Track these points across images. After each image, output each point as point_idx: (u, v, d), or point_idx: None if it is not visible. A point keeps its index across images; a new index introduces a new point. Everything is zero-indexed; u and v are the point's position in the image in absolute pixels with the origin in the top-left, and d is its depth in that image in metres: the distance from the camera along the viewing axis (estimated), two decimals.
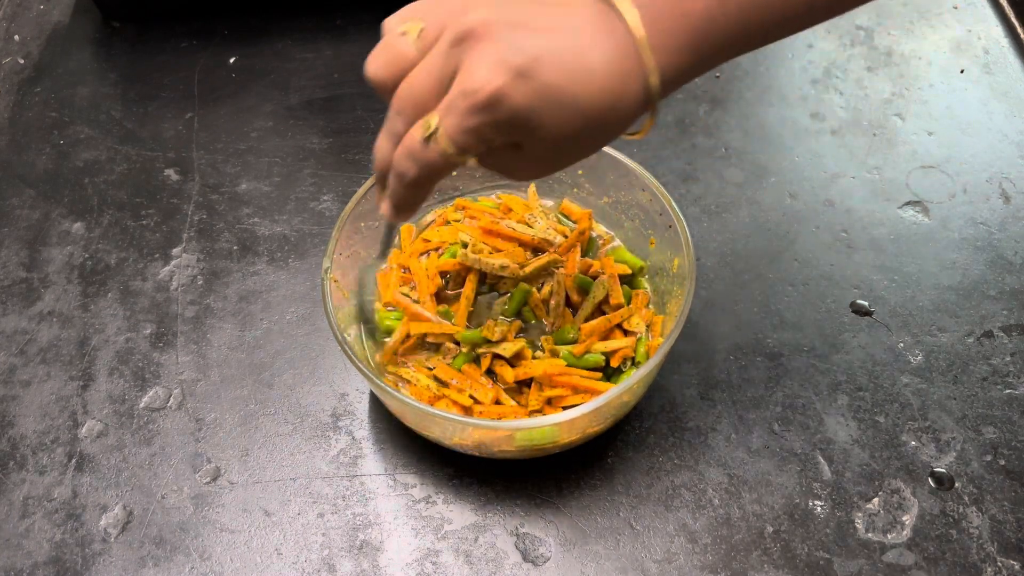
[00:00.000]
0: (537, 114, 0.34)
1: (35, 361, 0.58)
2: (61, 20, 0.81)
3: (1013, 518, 0.49)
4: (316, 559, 0.49)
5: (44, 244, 0.64)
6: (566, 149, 0.38)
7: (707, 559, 0.48)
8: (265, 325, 0.59)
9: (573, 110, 0.35)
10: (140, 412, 0.55)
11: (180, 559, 0.49)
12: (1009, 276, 0.60)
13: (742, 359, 0.56)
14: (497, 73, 0.34)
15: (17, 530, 0.50)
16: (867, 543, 0.48)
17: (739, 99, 0.71)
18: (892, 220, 0.63)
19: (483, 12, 0.35)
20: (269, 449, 0.53)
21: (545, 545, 0.49)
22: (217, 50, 0.77)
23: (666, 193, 0.51)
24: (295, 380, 0.56)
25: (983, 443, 0.52)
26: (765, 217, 0.63)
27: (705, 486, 0.51)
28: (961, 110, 0.70)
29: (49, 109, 0.73)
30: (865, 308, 0.58)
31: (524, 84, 0.34)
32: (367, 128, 0.70)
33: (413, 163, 0.37)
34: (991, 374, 0.55)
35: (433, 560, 0.49)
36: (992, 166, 0.66)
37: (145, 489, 0.52)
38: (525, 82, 0.34)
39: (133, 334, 0.59)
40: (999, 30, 0.76)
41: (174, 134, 0.71)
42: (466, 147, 0.36)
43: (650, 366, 0.45)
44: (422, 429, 0.49)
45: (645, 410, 0.54)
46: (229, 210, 0.66)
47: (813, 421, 0.53)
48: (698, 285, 0.59)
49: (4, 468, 0.53)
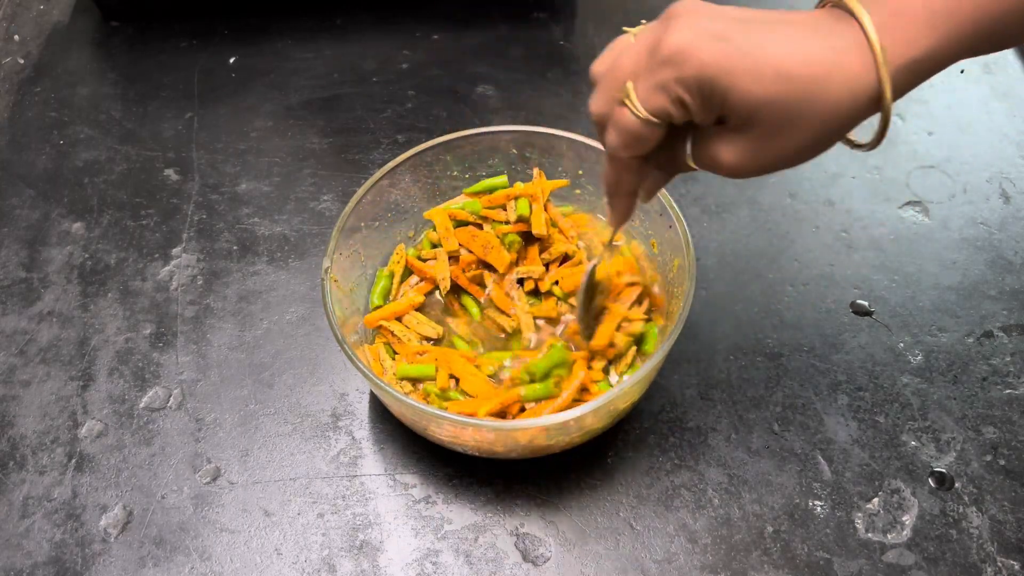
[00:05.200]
0: (729, 72, 0.34)
1: (35, 361, 0.58)
2: (61, 20, 0.81)
3: (1013, 518, 0.49)
4: (316, 559, 0.49)
5: (44, 244, 0.64)
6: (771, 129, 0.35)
7: (707, 559, 0.48)
8: (265, 325, 0.59)
9: (772, 73, 0.34)
10: (140, 412, 0.55)
11: (180, 559, 0.49)
12: (1009, 276, 0.60)
13: (742, 359, 0.56)
14: (690, 34, 0.34)
15: (17, 530, 0.50)
16: (867, 543, 0.48)
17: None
18: (892, 220, 0.63)
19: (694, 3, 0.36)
20: (269, 449, 0.53)
21: (545, 545, 0.49)
22: (217, 50, 0.77)
23: (666, 193, 0.51)
24: (295, 380, 0.56)
25: (983, 443, 0.52)
26: (765, 217, 0.63)
27: (705, 486, 0.51)
28: (961, 110, 0.70)
29: (49, 109, 0.73)
30: (865, 308, 0.58)
31: (716, 44, 0.34)
32: (367, 128, 0.70)
33: (615, 131, 0.38)
34: (991, 374, 0.55)
35: (433, 560, 0.49)
36: (992, 166, 0.66)
37: (145, 489, 0.52)
38: (718, 43, 0.34)
39: (133, 334, 0.59)
40: None
41: (174, 134, 0.71)
42: (656, 107, 0.36)
43: (650, 366, 0.45)
44: (422, 429, 0.49)
45: (645, 410, 0.54)
46: (229, 210, 0.66)
47: (813, 421, 0.53)
48: (698, 285, 0.59)
49: (4, 468, 0.53)
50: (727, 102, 0.34)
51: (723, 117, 0.36)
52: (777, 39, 0.34)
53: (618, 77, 0.37)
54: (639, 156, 0.38)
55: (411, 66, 0.75)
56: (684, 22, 0.35)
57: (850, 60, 0.34)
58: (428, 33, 0.78)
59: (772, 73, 0.34)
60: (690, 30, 0.34)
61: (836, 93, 0.34)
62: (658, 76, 0.35)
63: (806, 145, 0.36)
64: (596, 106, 0.38)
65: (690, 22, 0.35)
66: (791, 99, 0.34)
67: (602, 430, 0.50)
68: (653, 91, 0.35)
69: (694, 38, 0.34)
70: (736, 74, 0.34)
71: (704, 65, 0.34)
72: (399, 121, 0.71)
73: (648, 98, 0.36)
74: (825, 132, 0.36)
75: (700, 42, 0.34)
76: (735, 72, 0.34)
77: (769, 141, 0.36)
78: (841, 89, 0.34)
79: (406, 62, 0.76)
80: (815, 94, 0.34)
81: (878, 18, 0.34)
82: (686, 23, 0.35)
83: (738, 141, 0.36)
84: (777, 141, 0.36)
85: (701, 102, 0.35)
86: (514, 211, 0.55)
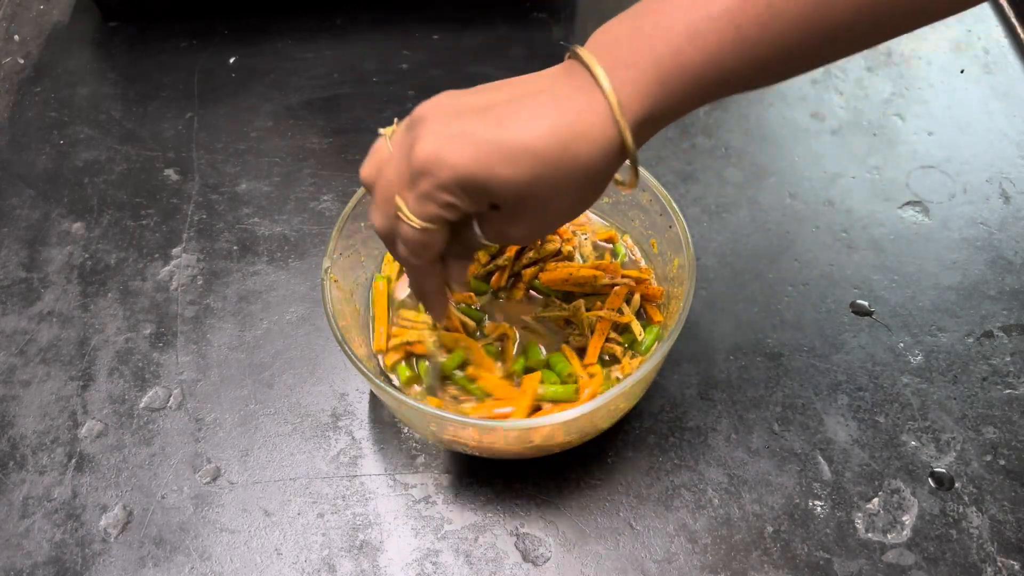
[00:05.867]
0: (484, 168, 0.35)
1: (35, 361, 0.58)
2: (61, 20, 0.81)
3: (1013, 518, 0.49)
4: (316, 559, 0.49)
5: (44, 244, 0.64)
6: (543, 202, 0.37)
7: (707, 559, 0.48)
8: (265, 325, 0.59)
9: (523, 155, 0.35)
10: (140, 412, 0.55)
11: (180, 559, 0.49)
12: (1009, 276, 0.60)
13: (742, 359, 0.56)
14: (435, 140, 0.36)
15: (17, 530, 0.50)
16: (867, 543, 0.48)
17: (739, 99, 0.71)
18: (892, 220, 0.63)
19: (437, 99, 0.38)
20: (269, 449, 0.53)
21: (545, 545, 0.49)
22: (217, 50, 0.77)
23: (666, 193, 0.51)
24: (295, 380, 0.56)
25: (983, 443, 0.52)
26: (765, 217, 0.63)
27: (705, 486, 0.51)
28: (961, 110, 0.70)
29: (49, 109, 0.73)
30: (865, 308, 0.58)
31: (462, 144, 0.35)
32: (367, 128, 0.70)
33: (401, 244, 0.40)
34: (991, 374, 0.55)
35: (433, 560, 0.49)
36: (992, 166, 0.66)
37: (145, 489, 0.52)
38: (462, 142, 0.35)
39: (133, 334, 0.59)
40: (999, 30, 0.76)
41: (174, 134, 0.71)
42: (428, 215, 0.37)
43: (650, 366, 0.45)
44: (421, 429, 0.49)
45: (645, 410, 0.54)
46: (229, 210, 0.66)
47: (813, 421, 0.53)
48: (698, 285, 0.59)
49: (4, 468, 0.53)
50: (491, 193, 0.36)
51: (494, 204, 0.37)
52: (520, 119, 0.35)
53: (387, 192, 0.39)
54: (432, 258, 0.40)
55: (411, 66, 0.75)
56: (428, 128, 0.36)
57: (591, 120, 0.35)
58: (428, 33, 0.78)
59: (522, 154, 0.35)
60: (434, 136, 0.36)
61: (587, 154, 0.36)
62: (420, 187, 0.37)
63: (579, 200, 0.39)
64: (378, 223, 0.40)
65: (433, 128, 0.36)
66: (548, 172, 0.36)
67: (602, 430, 0.50)
68: (420, 201, 0.37)
69: (440, 144, 0.35)
70: (488, 166, 0.35)
71: (456, 167, 0.35)
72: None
73: (418, 209, 0.37)
74: (590, 187, 0.38)
75: (446, 147, 0.35)
76: (487, 164, 0.35)
77: (544, 212, 0.38)
78: (591, 149, 0.36)
79: (406, 62, 0.76)
80: (568, 161, 0.36)
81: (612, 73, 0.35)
82: (429, 129, 0.36)
83: (518, 219, 0.38)
84: (552, 208, 0.38)
85: (467, 199, 0.37)
86: None
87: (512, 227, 0.39)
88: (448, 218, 0.38)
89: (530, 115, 0.35)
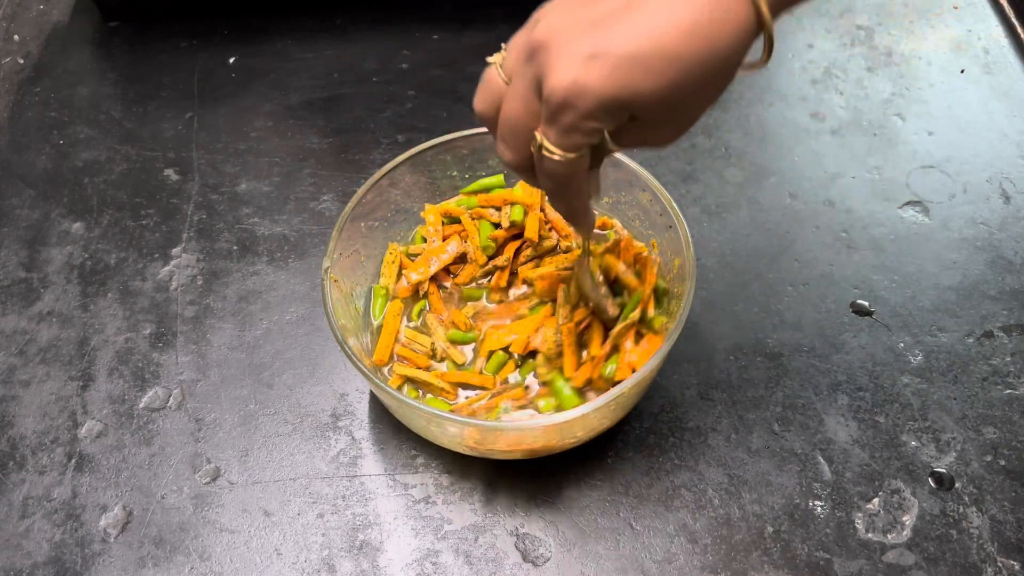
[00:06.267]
0: (626, 87, 0.33)
1: (35, 361, 0.57)
2: (61, 20, 0.81)
3: (1013, 518, 0.49)
4: (316, 559, 0.49)
5: (44, 244, 0.64)
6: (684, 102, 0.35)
7: (707, 559, 0.48)
8: (265, 325, 0.59)
9: (664, 65, 0.33)
10: (140, 412, 0.55)
11: (180, 559, 0.49)
12: (1009, 276, 0.60)
13: (742, 359, 0.56)
14: (568, 69, 0.34)
15: (17, 530, 0.50)
16: (867, 543, 0.48)
17: (739, 99, 0.71)
18: (892, 220, 0.63)
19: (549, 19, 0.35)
20: (269, 449, 0.53)
21: (545, 545, 0.49)
22: (217, 50, 0.77)
23: (666, 193, 0.51)
24: (295, 380, 0.56)
25: (983, 443, 0.52)
26: (765, 217, 0.63)
27: (705, 486, 0.51)
28: (961, 110, 0.70)
29: (49, 109, 0.73)
30: (865, 308, 0.58)
31: (598, 67, 0.33)
32: (367, 128, 0.70)
33: (546, 177, 0.39)
34: (991, 374, 0.55)
35: (433, 560, 0.48)
36: (992, 166, 0.66)
37: (145, 489, 0.52)
38: (599, 64, 0.33)
39: (133, 334, 0.59)
40: (999, 30, 0.76)
41: (174, 134, 0.71)
42: (573, 146, 0.36)
43: (650, 366, 0.45)
44: (421, 429, 0.49)
45: (645, 410, 0.54)
46: (229, 210, 0.66)
47: (813, 421, 0.53)
48: (698, 285, 0.59)
49: (4, 468, 0.53)
50: (634, 109, 0.35)
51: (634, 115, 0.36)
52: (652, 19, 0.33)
53: (517, 126, 0.37)
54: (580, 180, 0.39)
55: (411, 66, 0.75)
56: (555, 55, 0.34)
57: (728, 9, 0.33)
58: (428, 33, 0.78)
59: (662, 63, 0.33)
60: (564, 64, 0.34)
61: (727, 44, 0.34)
62: (563, 121, 0.35)
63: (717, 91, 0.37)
64: (509, 158, 0.39)
65: (560, 53, 0.34)
66: (693, 73, 0.34)
67: (603, 430, 0.50)
68: (565, 134, 0.36)
69: (576, 72, 0.34)
70: (631, 83, 0.33)
71: (599, 94, 0.34)
72: (399, 121, 0.71)
73: (563, 141, 0.36)
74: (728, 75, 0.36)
75: (583, 74, 0.34)
76: (629, 82, 0.33)
77: (686, 111, 0.37)
78: (730, 38, 0.34)
79: (406, 62, 0.76)
80: (710, 57, 0.34)
81: None
82: (557, 55, 0.34)
83: (658, 124, 0.37)
84: (692, 107, 0.37)
85: (612, 120, 0.35)
86: (508, 216, 0.55)
87: (653, 132, 0.38)
88: (593, 143, 0.37)
89: (660, 12, 0.33)
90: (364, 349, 0.53)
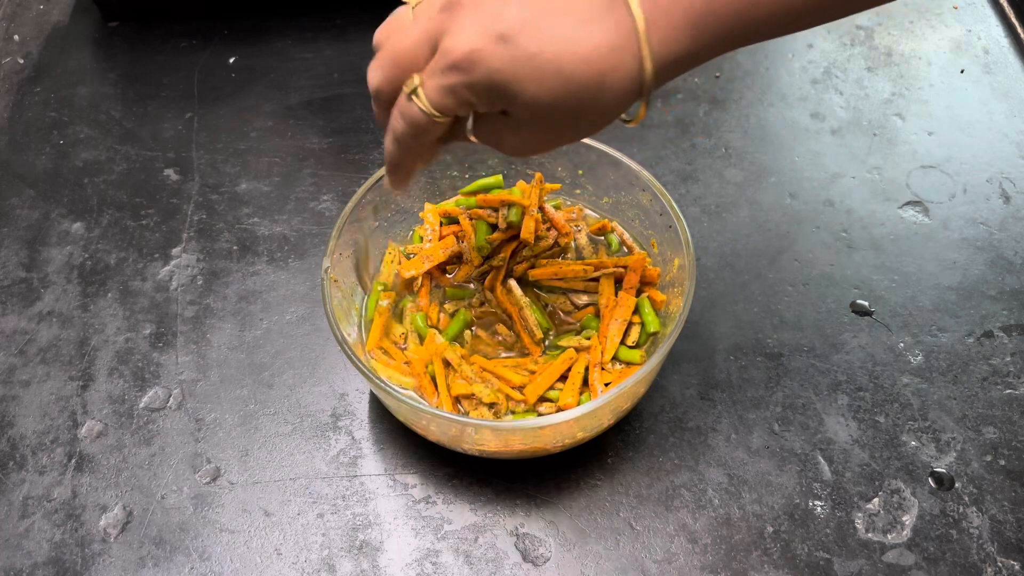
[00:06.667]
0: (516, 79, 0.35)
1: (35, 361, 0.57)
2: (61, 20, 0.81)
3: (1013, 518, 0.49)
4: (316, 559, 0.49)
5: (44, 244, 0.64)
6: (553, 122, 0.37)
7: (707, 559, 0.48)
8: (265, 325, 0.59)
9: (555, 77, 0.35)
10: (140, 412, 0.55)
11: (180, 559, 0.49)
12: (1009, 276, 0.60)
13: (742, 359, 0.56)
14: (476, 36, 0.35)
15: (17, 530, 0.50)
16: (867, 543, 0.48)
17: (739, 99, 0.71)
18: (892, 220, 0.63)
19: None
20: (269, 449, 0.53)
21: (545, 545, 0.49)
22: (217, 50, 0.77)
23: (666, 193, 0.51)
24: (295, 380, 0.56)
25: (983, 443, 0.52)
26: (765, 217, 0.63)
27: (705, 486, 0.51)
28: (961, 110, 0.70)
29: (49, 109, 0.73)
30: (865, 308, 0.58)
31: (503, 48, 0.34)
32: (367, 128, 0.70)
33: (400, 118, 0.39)
34: (991, 374, 0.55)
35: (433, 560, 0.48)
36: (992, 166, 0.66)
37: (145, 489, 0.52)
38: (504, 47, 0.34)
39: (133, 334, 0.59)
40: (999, 30, 0.76)
41: (174, 134, 0.71)
42: (444, 106, 0.37)
43: (650, 366, 0.45)
44: (422, 429, 0.49)
45: (645, 410, 0.54)
46: (229, 210, 0.66)
47: (813, 421, 0.53)
48: (698, 285, 0.59)
49: (4, 468, 0.53)
50: (513, 104, 0.36)
51: (506, 111, 0.37)
52: (559, 35, 0.35)
53: (402, 63, 0.38)
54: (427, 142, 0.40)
55: None
56: (468, 19, 0.35)
57: (623, 59, 0.35)
58: None
59: (555, 76, 0.35)
60: (476, 30, 0.35)
61: (611, 91, 0.36)
62: (446, 79, 0.36)
63: (584, 132, 0.38)
64: (376, 83, 0.40)
65: (474, 19, 0.35)
66: (572, 99, 0.35)
67: (603, 430, 0.50)
68: (441, 92, 0.36)
69: (481, 42, 0.34)
70: (522, 80, 0.35)
71: (492, 72, 0.35)
72: None
73: (436, 98, 0.37)
74: (601, 121, 0.38)
75: (487, 47, 0.34)
76: (520, 77, 0.34)
77: (550, 132, 0.38)
78: (616, 87, 0.36)
79: None
80: (594, 93, 0.35)
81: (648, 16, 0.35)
82: (471, 20, 0.35)
83: (521, 130, 0.38)
84: (559, 132, 0.38)
85: (487, 102, 0.36)
86: (505, 218, 0.55)
87: (510, 135, 0.39)
88: (460, 112, 0.37)
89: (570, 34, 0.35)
90: (364, 349, 0.53)
